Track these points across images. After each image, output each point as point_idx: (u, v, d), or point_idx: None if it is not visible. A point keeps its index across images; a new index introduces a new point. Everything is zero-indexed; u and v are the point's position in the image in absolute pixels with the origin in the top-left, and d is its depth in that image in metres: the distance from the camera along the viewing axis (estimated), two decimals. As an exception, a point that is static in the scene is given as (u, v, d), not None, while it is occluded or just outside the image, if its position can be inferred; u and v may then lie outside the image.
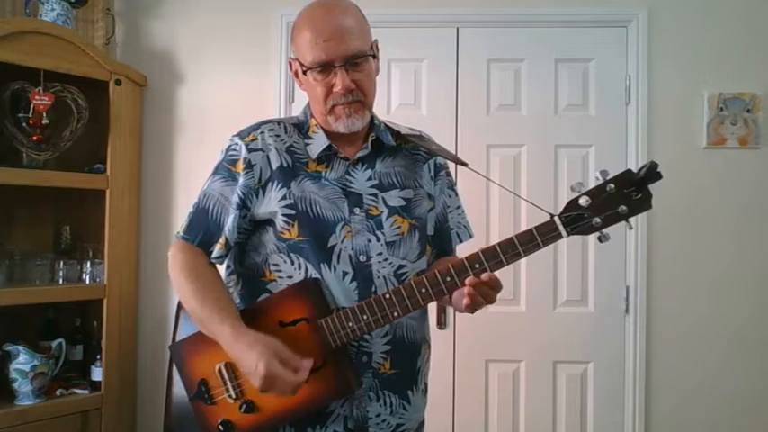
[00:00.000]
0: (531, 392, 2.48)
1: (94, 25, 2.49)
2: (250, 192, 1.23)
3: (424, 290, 1.13)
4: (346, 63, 1.18)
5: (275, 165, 1.24)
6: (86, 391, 2.30)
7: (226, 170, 1.26)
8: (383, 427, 1.24)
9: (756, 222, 2.44)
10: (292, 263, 1.22)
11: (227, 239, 1.24)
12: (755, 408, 2.43)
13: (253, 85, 2.55)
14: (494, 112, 2.53)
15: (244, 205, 1.23)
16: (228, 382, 1.21)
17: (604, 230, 1.10)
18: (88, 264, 2.37)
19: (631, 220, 1.10)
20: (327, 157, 1.26)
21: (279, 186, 1.23)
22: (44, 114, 2.19)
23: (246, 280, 1.29)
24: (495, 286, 1.13)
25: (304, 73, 1.22)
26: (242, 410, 1.19)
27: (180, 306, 2.52)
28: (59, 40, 2.23)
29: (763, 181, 2.44)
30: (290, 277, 1.22)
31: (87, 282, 2.36)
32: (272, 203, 1.22)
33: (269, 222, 1.24)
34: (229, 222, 1.23)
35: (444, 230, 1.38)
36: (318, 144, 1.26)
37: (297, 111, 2.55)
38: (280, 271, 1.23)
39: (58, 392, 2.25)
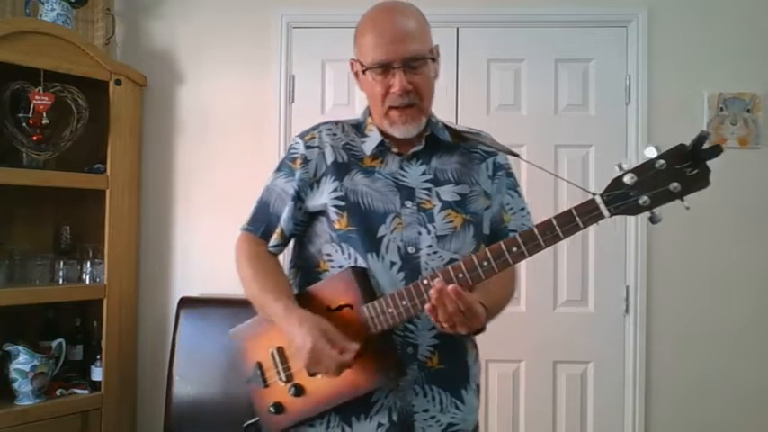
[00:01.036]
0: (531, 392, 2.48)
1: (94, 25, 2.49)
2: (305, 185, 1.30)
3: (461, 275, 1.12)
4: (405, 65, 1.21)
5: (330, 160, 1.30)
6: (86, 391, 2.29)
7: (287, 167, 1.34)
8: (431, 423, 1.23)
9: (756, 222, 2.44)
10: (342, 252, 1.25)
11: (282, 230, 1.32)
12: (756, 408, 2.43)
13: (253, 86, 2.55)
14: (494, 112, 2.53)
15: (299, 197, 1.31)
16: (279, 365, 1.26)
17: (656, 210, 1.03)
18: (88, 264, 2.37)
19: (686, 199, 1.03)
20: (382, 152, 1.30)
21: (332, 180, 1.28)
22: (44, 114, 2.18)
23: (304, 271, 1.34)
24: (466, 308, 1.08)
25: (363, 72, 1.26)
26: (291, 393, 1.23)
27: (180, 305, 2.53)
28: (59, 40, 2.23)
29: (763, 181, 2.44)
30: (341, 267, 1.25)
31: (87, 282, 2.36)
32: (324, 196, 1.28)
33: (322, 213, 1.29)
34: (285, 214, 1.31)
35: (500, 231, 1.33)
36: (373, 141, 1.30)
37: (296, 111, 2.59)
38: (332, 260, 1.27)
39: (58, 392, 2.25)
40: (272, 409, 1.25)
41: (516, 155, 1.30)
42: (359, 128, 1.35)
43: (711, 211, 2.44)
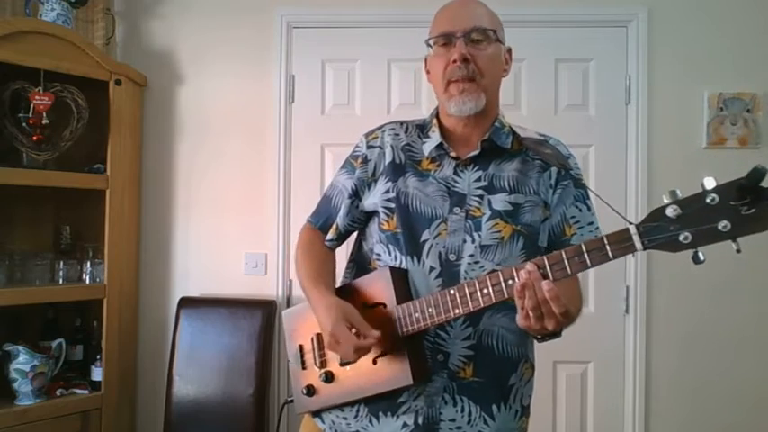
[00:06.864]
0: (531, 392, 2.48)
1: (94, 25, 2.49)
2: (363, 184, 1.33)
3: (485, 290, 1.08)
4: (466, 36, 1.21)
5: (388, 160, 1.30)
6: (86, 391, 2.30)
7: (350, 164, 1.37)
8: None
9: (756, 222, 2.44)
10: (390, 253, 1.26)
11: (338, 226, 1.36)
12: (755, 408, 2.43)
13: (253, 85, 2.55)
14: (494, 112, 2.52)
15: (356, 195, 1.33)
16: (316, 351, 1.31)
17: (700, 250, 0.93)
18: (88, 264, 2.37)
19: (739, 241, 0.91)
20: (440, 156, 1.28)
21: (386, 180, 1.29)
22: (44, 114, 2.18)
23: (358, 266, 1.36)
24: (555, 305, 1.00)
25: (430, 46, 1.26)
26: (321, 379, 1.28)
27: (180, 305, 2.53)
28: (59, 40, 2.23)
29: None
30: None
31: (87, 282, 2.36)
32: (377, 196, 1.29)
33: (376, 213, 1.30)
34: (342, 210, 1.34)
35: (560, 245, 1.19)
36: (432, 142, 1.28)
37: (296, 111, 2.59)
38: (380, 260, 1.28)
39: (58, 392, 2.25)
40: (304, 391, 1.31)
41: (566, 167, 1.26)
42: (423, 129, 1.33)
43: (711, 211, 2.43)
